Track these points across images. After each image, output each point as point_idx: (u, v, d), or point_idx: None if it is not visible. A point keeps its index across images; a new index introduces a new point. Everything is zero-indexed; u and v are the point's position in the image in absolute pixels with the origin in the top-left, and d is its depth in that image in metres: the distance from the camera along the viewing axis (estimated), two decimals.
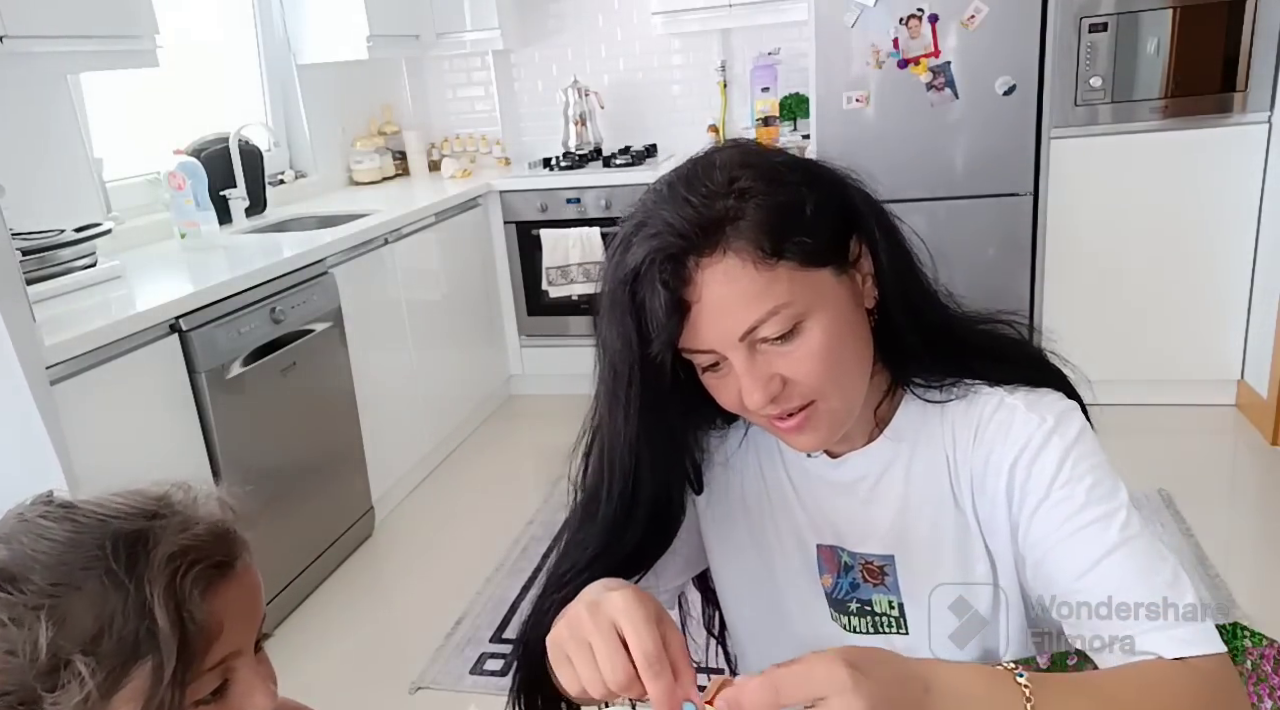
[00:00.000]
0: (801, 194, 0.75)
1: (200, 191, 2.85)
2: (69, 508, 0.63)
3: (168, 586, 0.60)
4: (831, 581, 0.92)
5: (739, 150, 0.79)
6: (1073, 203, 3.17)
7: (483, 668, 2.29)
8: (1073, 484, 0.78)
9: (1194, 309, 3.20)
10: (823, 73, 3.18)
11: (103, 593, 0.59)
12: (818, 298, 0.75)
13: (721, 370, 0.78)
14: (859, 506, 0.89)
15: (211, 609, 0.62)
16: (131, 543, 0.61)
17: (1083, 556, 0.76)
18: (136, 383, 2.08)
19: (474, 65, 4.28)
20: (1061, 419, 0.81)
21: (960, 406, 0.85)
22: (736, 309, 0.73)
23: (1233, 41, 2.95)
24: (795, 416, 0.79)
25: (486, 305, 3.85)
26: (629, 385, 0.79)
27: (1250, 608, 2.22)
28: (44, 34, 2.20)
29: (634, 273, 0.74)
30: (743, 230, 0.72)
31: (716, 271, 0.72)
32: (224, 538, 0.66)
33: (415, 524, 3.09)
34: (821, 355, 0.76)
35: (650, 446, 0.83)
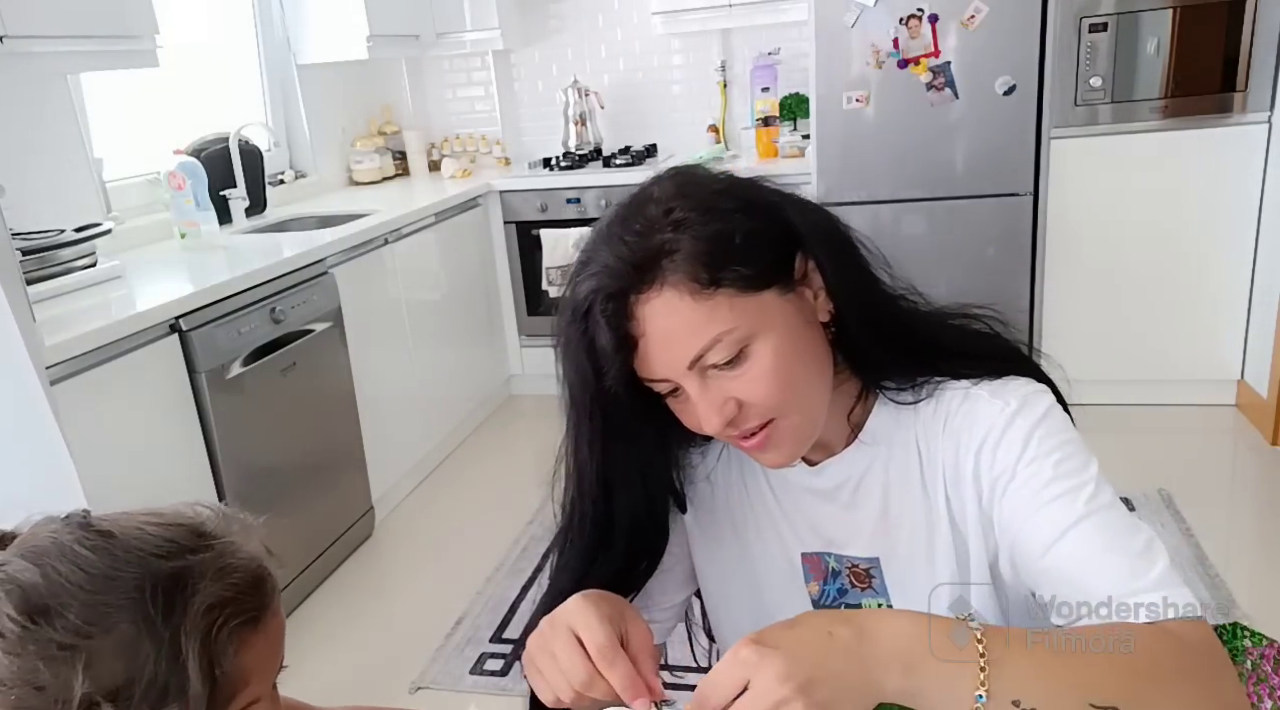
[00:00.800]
0: (736, 222, 0.76)
1: (200, 191, 2.85)
2: (107, 537, 0.61)
3: (203, 640, 0.60)
4: (818, 588, 0.92)
5: (675, 181, 0.79)
6: (1073, 203, 3.17)
7: (483, 668, 2.29)
8: (1039, 461, 0.78)
9: (1194, 309, 3.20)
10: (823, 73, 3.18)
11: (136, 639, 0.58)
12: (762, 320, 0.76)
13: (681, 396, 0.79)
14: (842, 512, 0.90)
15: (240, 663, 0.62)
16: (170, 588, 0.60)
17: (1050, 529, 0.76)
18: (136, 383, 2.08)
19: (474, 65, 4.28)
20: (1026, 400, 0.81)
21: (931, 405, 0.86)
22: (680, 339, 0.74)
23: (1233, 41, 2.95)
24: (756, 436, 0.80)
25: (486, 305, 3.85)
26: (590, 418, 0.82)
27: (1250, 608, 2.22)
28: (44, 34, 2.21)
29: (582, 312, 0.76)
30: (679, 263, 0.73)
31: (656, 306, 0.74)
32: (259, 585, 0.66)
33: (415, 524, 3.09)
34: (772, 376, 0.76)
35: (620, 473, 0.85)
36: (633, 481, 0.86)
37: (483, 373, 3.84)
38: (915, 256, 3.36)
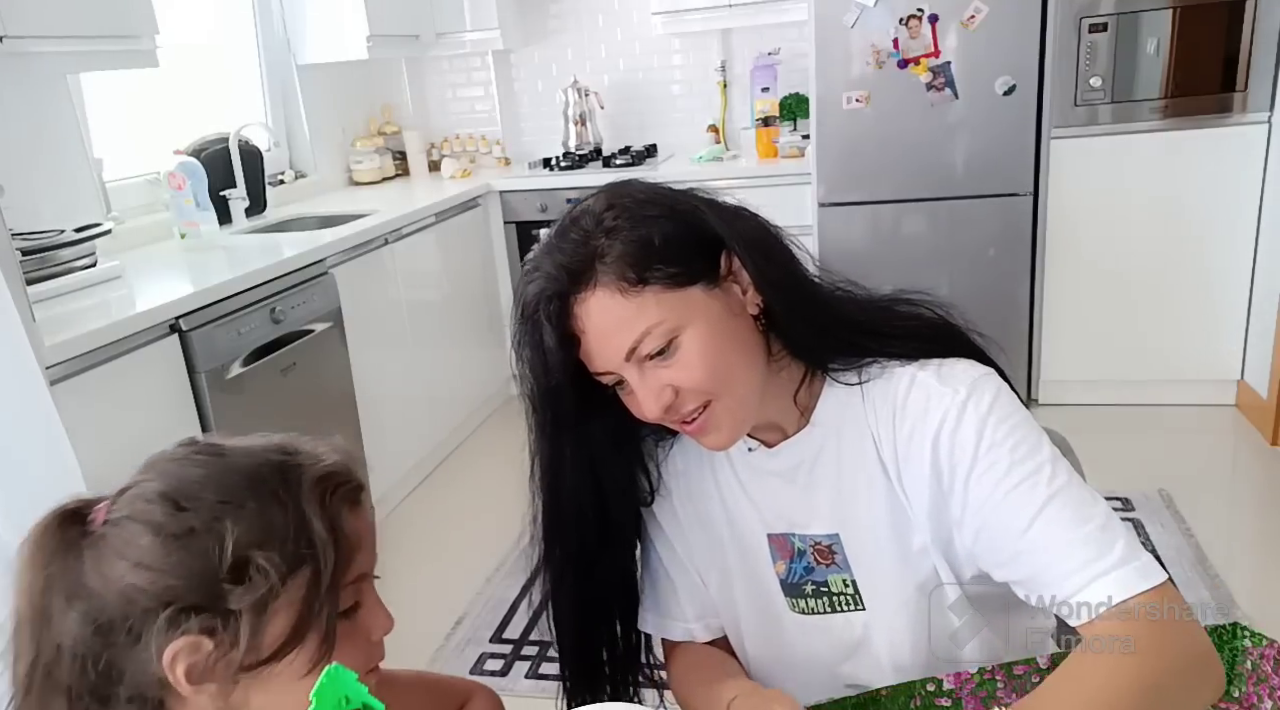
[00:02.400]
0: (659, 227, 0.84)
1: (200, 191, 2.86)
2: (215, 447, 0.71)
3: (321, 502, 0.69)
4: (785, 567, 0.97)
5: (607, 195, 0.88)
6: (1073, 203, 3.17)
7: (483, 668, 2.29)
8: (995, 449, 0.84)
9: (1194, 309, 3.20)
10: (823, 73, 3.18)
11: (265, 509, 0.67)
12: (689, 313, 0.84)
13: (626, 388, 0.86)
14: (800, 492, 0.95)
15: (353, 525, 0.71)
16: (281, 470, 0.69)
17: (1020, 515, 0.82)
18: (136, 383, 2.08)
19: (474, 65, 4.28)
20: (974, 387, 0.87)
21: (879, 386, 0.91)
22: (615, 333, 0.82)
23: (1233, 41, 2.95)
24: (696, 421, 0.87)
25: (486, 305, 3.85)
26: (540, 412, 0.92)
27: (1250, 608, 2.22)
28: (44, 34, 2.21)
29: (529, 314, 0.85)
30: (609, 265, 0.82)
31: (591, 305, 0.82)
32: (352, 466, 0.74)
33: (415, 524, 3.09)
34: (700, 362, 0.84)
35: (569, 463, 0.95)
36: (581, 470, 0.95)
37: (483, 373, 3.84)
38: (915, 256, 3.37)
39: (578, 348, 0.84)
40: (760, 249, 0.88)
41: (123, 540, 0.65)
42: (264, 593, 0.65)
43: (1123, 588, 0.77)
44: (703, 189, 0.91)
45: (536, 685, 2.21)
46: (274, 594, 0.65)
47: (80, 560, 0.66)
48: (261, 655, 0.66)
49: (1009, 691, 0.85)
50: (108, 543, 0.66)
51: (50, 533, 0.67)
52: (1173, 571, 2.41)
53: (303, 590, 0.66)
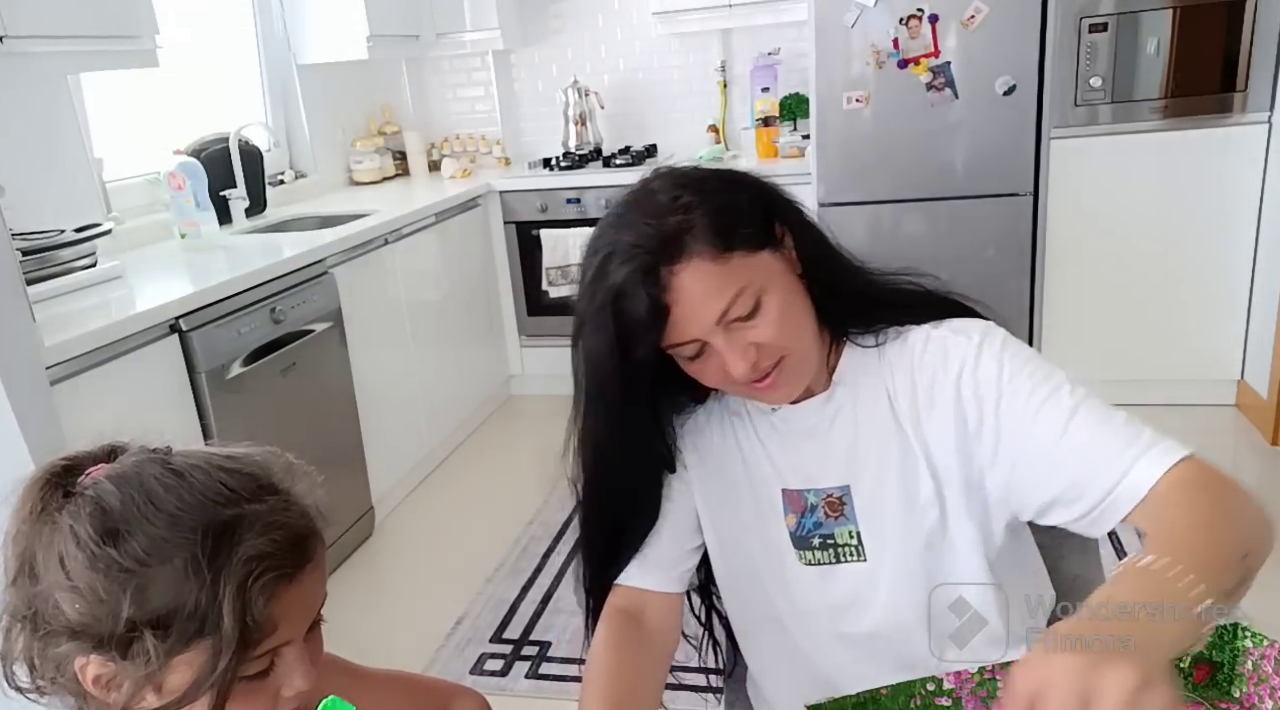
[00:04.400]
0: (731, 196, 0.91)
1: (200, 192, 2.86)
2: (179, 478, 0.70)
3: (239, 587, 0.67)
4: (795, 521, 1.02)
5: (671, 175, 0.94)
6: (1073, 203, 3.17)
7: (483, 668, 2.29)
8: (1016, 377, 0.91)
9: (1194, 309, 3.20)
10: (823, 73, 3.17)
11: (185, 575, 0.66)
12: (767, 275, 0.90)
13: (703, 356, 0.91)
14: (818, 447, 1.01)
15: (270, 612, 0.69)
16: (219, 534, 0.68)
17: (1052, 427, 0.88)
18: (136, 383, 2.08)
19: (474, 65, 4.28)
20: (986, 332, 0.96)
21: (895, 346, 0.99)
22: (709, 299, 0.87)
23: (1233, 41, 2.95)
24: (769, 376, 0.92)
25: (486, 305, 3.85)
26: (614, 389, 0.93)
27: (1250, 608, 2.21)
28: (44, 34, 2.20)
29: (617, 292, 0.87)
30: (697, 236, 0.87)
31: (685, 275, 0.86)
32: (300, 543, 0.73)
33: (415, 524, 3.09)
34: (781, 319, 0.90)
35: (633, 440, 0.99)
36: (641, 444, 1.00)
37: (483, 373, 3.84)
38: (915, 256, 3.32)
39: (665, 320, 0.87)
40: (800, 219, 0.96)
41: (71, 538, 0.67)
42: (143, 673, 0.66)
43: (1164, 459, 0.84)
44: (740, 169, 0.98)
45: (536, 685, 2.21)
46: (157, 669, 0.66)
47: (51, 526, 0.68)
48: (164, 695, 0.68)
49: None
50: (61, 527, 0.67)
51: (33, 493, 0.70)
52: None
53: (203, 656, 0.67)
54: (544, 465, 3.42)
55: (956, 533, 0.96)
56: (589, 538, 1.09)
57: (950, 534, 0.96)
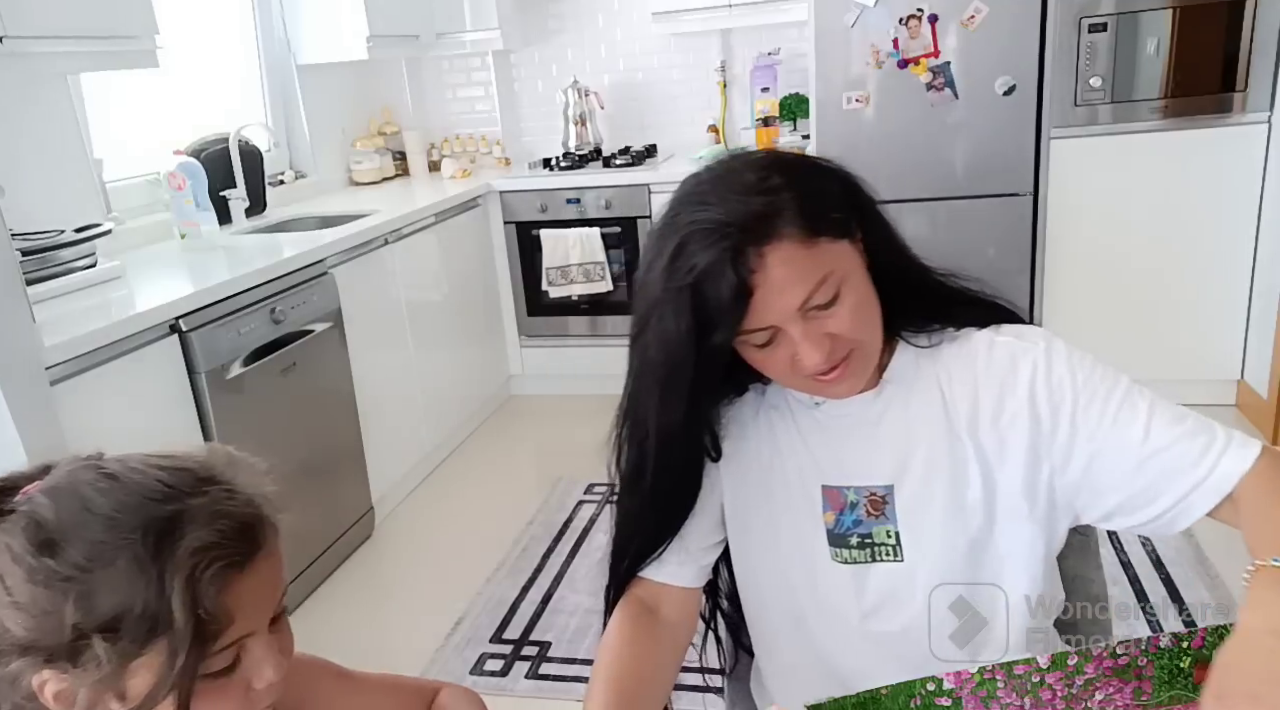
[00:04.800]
0: (820, 182, 0.89)
1: (200, 192, 2.86)
2: (114, 480, 0.69)
3: (186, 580, 0.65)
4: (834, 518, 1.00)
5: (753, 156, 0.91)
6: (1073, 203, 3.17)
7: (483, 668, 2.29)
8: (1090, 382, 0.92)
9: (1194, 309, 3.20)
10: (823, 73, 3.18)
11: (129, 575, 0.65)
12: (847, 263, 0.88)
13: (773, 344, 0.89)
14: (864, 444, 0.99)
15: (224, 603, 0.67)
16: (161, 531, 0.66)
17: (1134, 428, 0.89)
18: (136, 383, 2.08)
19: (474, 65, 4.28)
20: (1048, 339, 0.95)
21: (952, 349, 0.98)
22: (794, 284, 0.84)
23: (1233, 41, 2.95)
24: (839, 367, 0.90)
25: (486, 305, 3.85)
26: (687, 373, 0.89)
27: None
28: (44, 34, 2.20)
29: (702, 272, 0.83)
30: (787, 217, 0.84)
31: (774, 256, 0.83)
32: (250, 530, 0.70)
33: (415, 524, 3.09)
34: (858, 310, 0.89)
35: (693, 426, 0.97)
36: (696, 434, 0.98)
37: (483, 373, 3.84)
38: None
39: (748, 302, 0.84)
40: (875, 211, 0.95)
41: (6, 555, 0.65)
42: (96, 678, 0.65)
43: (1244, 453, 0.86)
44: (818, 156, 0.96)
45: (536, 685, 2.21)
46: (110, 673, 0.65)
47: None
48: (128, 702, 0.66)
49: (1009, 691, 0.85)
50: None
51: None
52: (1172, 571, 2.41)
53: (161, 657, 0.65)
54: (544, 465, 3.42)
55: (1010, 537, 0.96)
56: (635, 528, 1.04)
57: (996, 538, 0.96)
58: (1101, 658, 0.85)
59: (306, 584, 2.63)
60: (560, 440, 3.70)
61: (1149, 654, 0.84)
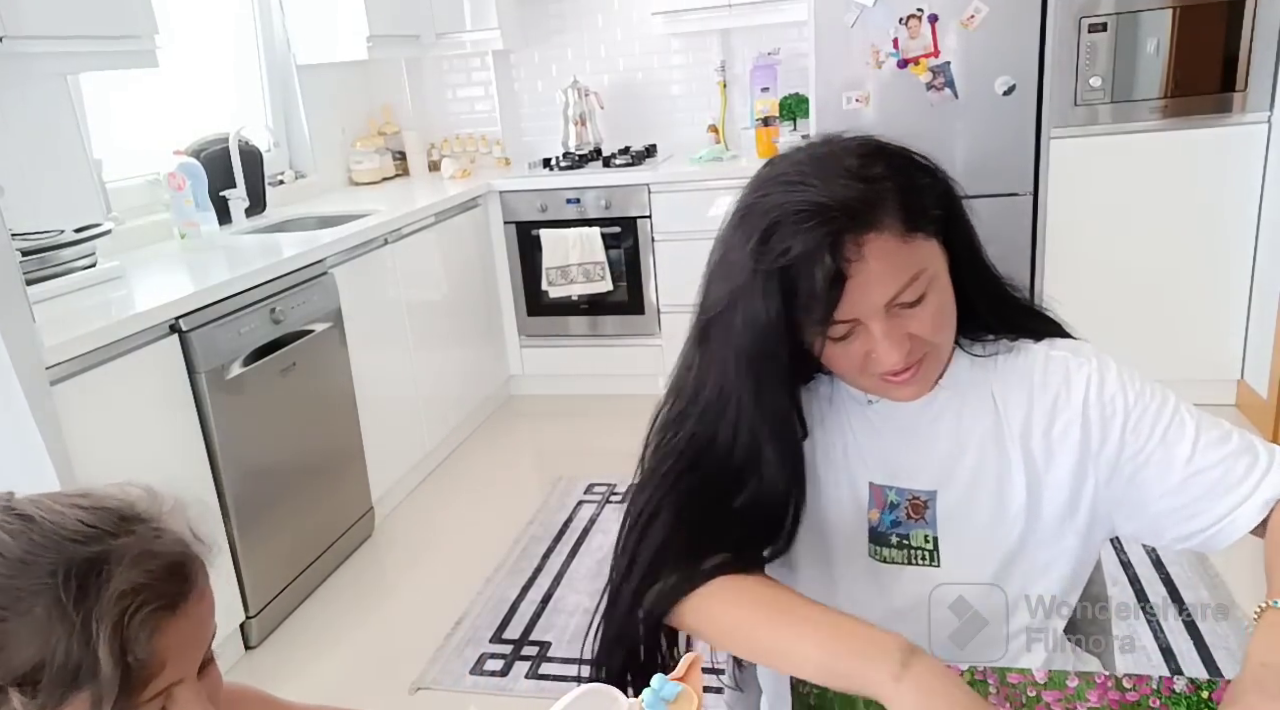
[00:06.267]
0: (919, 176, 0.87)
1: (200, 192, 2.86)
2: (27, 521, 0.63)
3: (114, 626, 0.60)
4: (878, 516, 0.99)
5: (853, 141, 0.88)
6: (1073, 203, 3.17)
7: (483, 668, 2.29)
8: (1141, 399, 0.93)
9: (1194, 309, 3.20)
10: (822, 73, 3.18)
11: (48, 622, 0.60)
12: (937, 263, 0.87)
13: (850, 338, 0.86)
14: (912, 447, 0.98)
15: (155, 649, 0.62)
16: (84, 573, 0.61)
17: (1182, 446, 0.90)
18: (136, 383, 2.08)
19: (474, 65, 4.28)
20: (1100, 357, 0.97)
21: (1008, 359, 0.98)
22: (887, 279, 0.82)
23: (1233, 41, 2.95)
24: (911, 369, 0.88)
25: (486, 305, 3.85)
26: (782, 359, 0.87)
27: (1250, 607, 2.21)
28: (44, 34, 2.20)
29: (799, 256, 0.80)
30: (889, 209, 0.82)
31: (873, 247, 0.81)
32: (179, 570, 0.65)
33: (415, 524, 3.09)
34: (941, 312, 0.87)
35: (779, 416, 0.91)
36: (789, 423, 0.93)
37: (483, 373, 3.84)
38: None
39: (841, 292, 0.81)
40: (963, 213, 0.93)
41: None
42: None
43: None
44: None
45: (536, 685, 2.21)
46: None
47: None
48: None
49: (1001, 700, 0.84)
50: None
51: None
52: (1172, 571, 2.41)
53: (84, 708, 0.60)
54: (544, 465, 3.43)
55: (1047, 549, 0.96)
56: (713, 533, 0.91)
57: (1033, 550, 0.96)
58: (1106, 687, 0.84)
59: (306, 584, 2.63)
60: (560, 440, 3.70)
61: (1162, 695, 0.83)
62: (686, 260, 3.64)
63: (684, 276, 3.66)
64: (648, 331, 3.80)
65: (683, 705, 0.65)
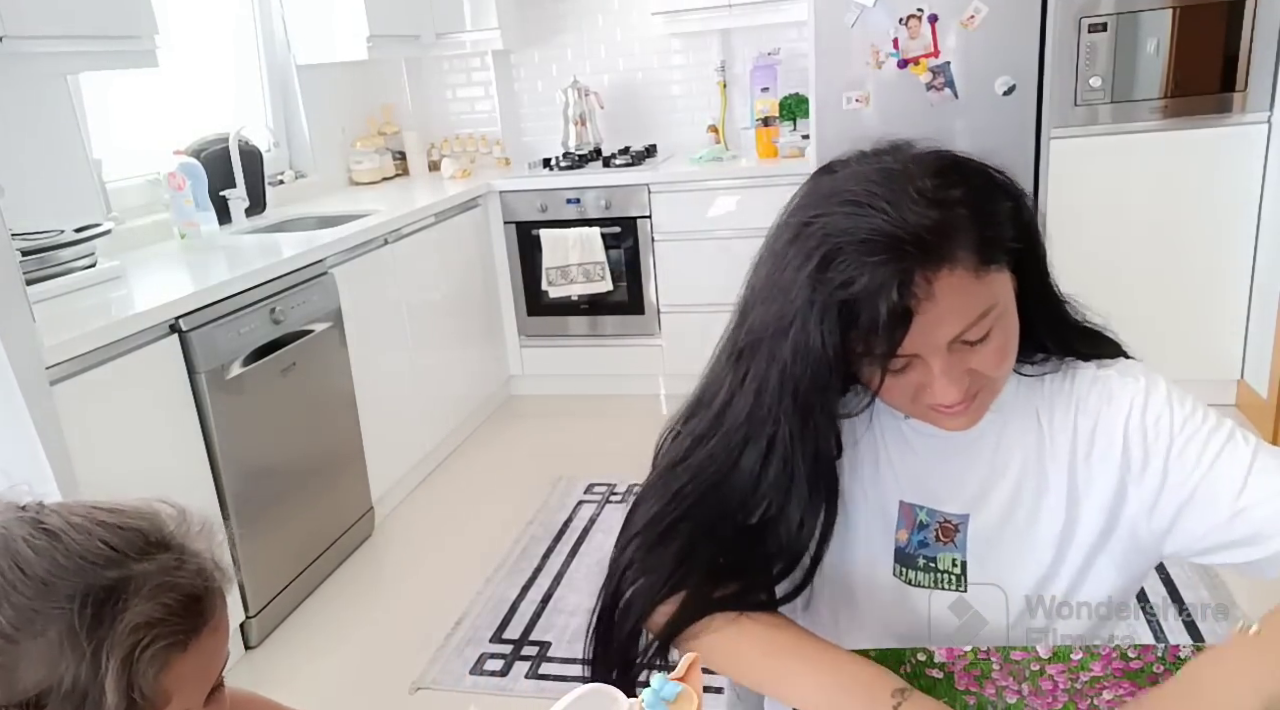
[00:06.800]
0: (997, 201, 0.80)
1: (200, 192, 2.86)
2: (53, 538, 0.62)
3: (124, 660, 0.59)
4: (906, 537, 0.95)
5: (930, 156, 0.82)
6: (1073, 203, 3.17)
7: (483, 668, 2.29)
8: (1189, 422, 0.86)
9: (1194, 309, 3.20)
10: (822, 73, 3.17)
11: (60, 648, 0.59)
12: (1006, 297, 0.81)
13: (906, 370, 0.81)
14: (947, 467, 0.94)
15: (161, 683, 0.62)
16: (101, 601, 0.60)
17: (1233, 476, 0.82)
18: (136, 383, 2.08)
19: (474, 65, 4.28)
20: (1149, 376, 0.91)
21: (1056, 380, 0.93)
22: (954, 317, 0.77)
23: (1232, 41, 2.95)
24: (965, 402, 0.83)
25: (486, 305, 3.85)
26: (833, 392, 0.82)
27: (1250, 607, 2.21)
28: (44, 34, 2.20)
29: (861, 291, 0.74)
30: (964, 240, 0.75)
31: (943, 285, 0.75)
32: (195, 605, 0.65)
33: (415, 524, 3.09)
34: (1005, 349, 0.83)
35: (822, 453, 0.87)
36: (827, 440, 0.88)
37: (483, 373, 3.84)
38: None
39: (907, 328, 0.75)
40: (1039, 239, 0.88)
41: None
42: None
43: None
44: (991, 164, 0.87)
45: (536, 685, 2.21)
46: None
47: None
48: None
49: (1005, 675, 0.84)
50: None
51: None
52: (1172, 572, 2.41)
53: None
54: (544, 465, 3.43)
55: (1081, 575, 0.92)
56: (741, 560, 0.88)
57: (1062, 574, 0.93)
58: (1110, 657, 0.84)
59: (306, 584, 2.63)
60: (560, 440, 3.70)
61: (1166, 662, 0.84)
62: (687, 260, 3.64)
63: (684, 276, 3.66)
64: (648, 331, 3.80)
65: (683, 705, 0.65)
